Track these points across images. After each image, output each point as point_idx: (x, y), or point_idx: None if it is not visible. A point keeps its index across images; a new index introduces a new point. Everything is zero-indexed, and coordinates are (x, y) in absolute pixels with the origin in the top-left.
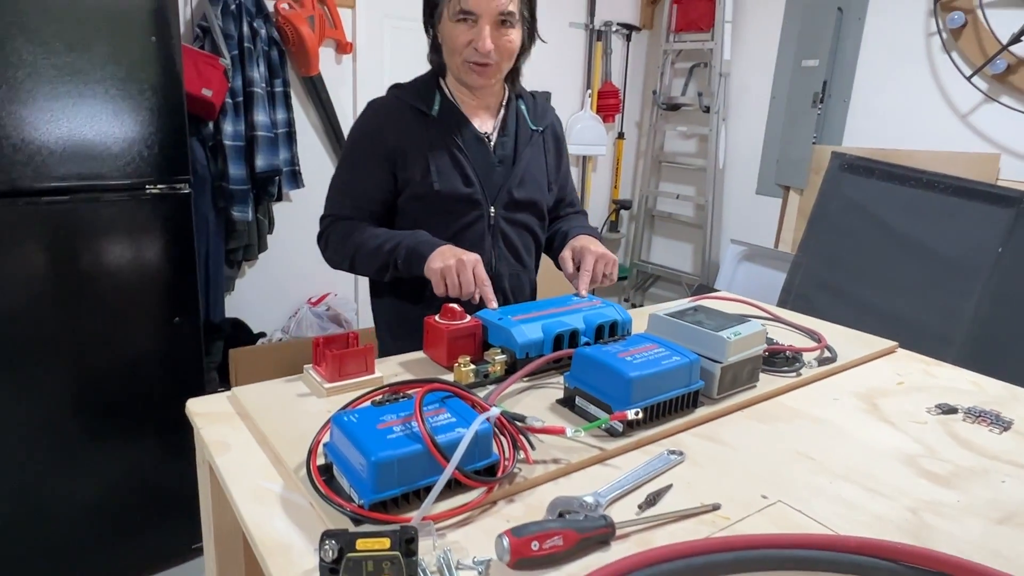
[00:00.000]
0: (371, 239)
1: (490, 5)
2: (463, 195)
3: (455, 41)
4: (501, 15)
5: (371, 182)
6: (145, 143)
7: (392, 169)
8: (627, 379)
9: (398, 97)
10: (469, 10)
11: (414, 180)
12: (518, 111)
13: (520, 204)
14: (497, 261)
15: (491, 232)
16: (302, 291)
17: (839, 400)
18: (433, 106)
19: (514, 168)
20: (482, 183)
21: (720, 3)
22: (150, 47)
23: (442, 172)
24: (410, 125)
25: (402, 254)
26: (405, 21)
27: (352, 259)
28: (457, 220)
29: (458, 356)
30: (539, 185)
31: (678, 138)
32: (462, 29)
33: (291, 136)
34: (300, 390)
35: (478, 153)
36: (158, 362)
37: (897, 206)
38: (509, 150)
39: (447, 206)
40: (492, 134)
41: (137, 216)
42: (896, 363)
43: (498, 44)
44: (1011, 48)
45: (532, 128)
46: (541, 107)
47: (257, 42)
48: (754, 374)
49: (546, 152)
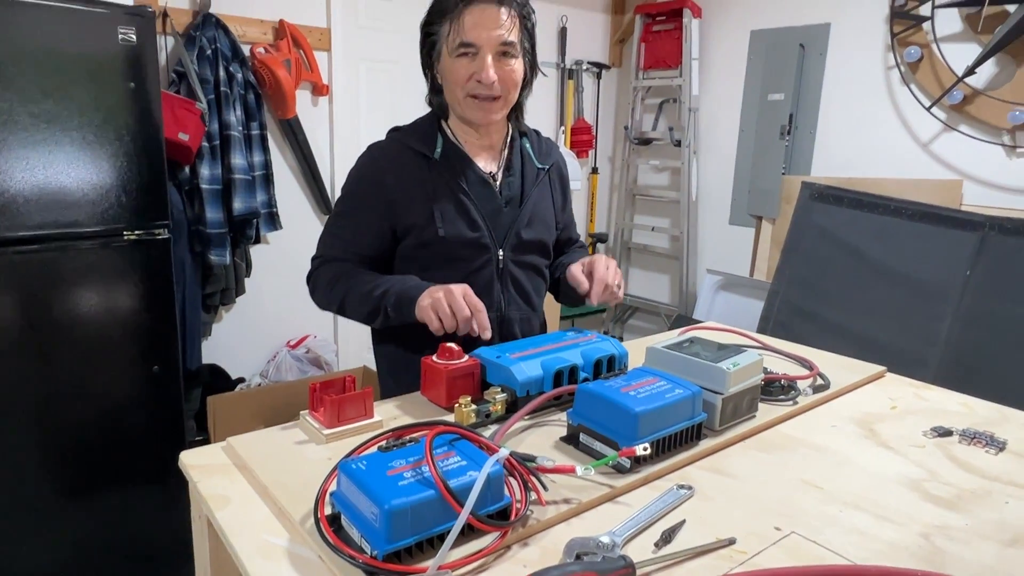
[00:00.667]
0: (361, 283)
1: (491, 35)
2: (470, 240)
3: (457, 75)
4: (503, 45)
5: (366, 230)
6: (123, 189)
7: (391, 219)
8: (633, 414)
9: (398, 141)
10: (470, 42)
11: (418, 226)
12: (523, 149)
13: (528, 245)
14: (507, 306)
15: (500, 276)
16: (280, 334)
17: (837, 427)
18: (435, 149)
19: (521, 208)
20: (489, 226)
21: (687, 41)
22: (128, 93)
23: (447, 217)
24: (411, 170)
25: (391, 300)
26: (380, 63)
27: (341, 303)
28: (465, 266)
29: (457, 396)
30: (547, 225)
31: (651, 172)
32: (463, 63)
33: (268, 178)
34: (298, 437)
35: (484, 195)
36: (136, 413)
37: (867, 233)
38: (516, 190)
39: (454, 252)
40: (498, 174)
41: (115, 263)
42: (887, 387)
43: (501, 75)
44: (966, 80)
45: (538, 167)
46: (546, 144)
47: (233, 86)
48: (753, 404)
49: (552, 190)
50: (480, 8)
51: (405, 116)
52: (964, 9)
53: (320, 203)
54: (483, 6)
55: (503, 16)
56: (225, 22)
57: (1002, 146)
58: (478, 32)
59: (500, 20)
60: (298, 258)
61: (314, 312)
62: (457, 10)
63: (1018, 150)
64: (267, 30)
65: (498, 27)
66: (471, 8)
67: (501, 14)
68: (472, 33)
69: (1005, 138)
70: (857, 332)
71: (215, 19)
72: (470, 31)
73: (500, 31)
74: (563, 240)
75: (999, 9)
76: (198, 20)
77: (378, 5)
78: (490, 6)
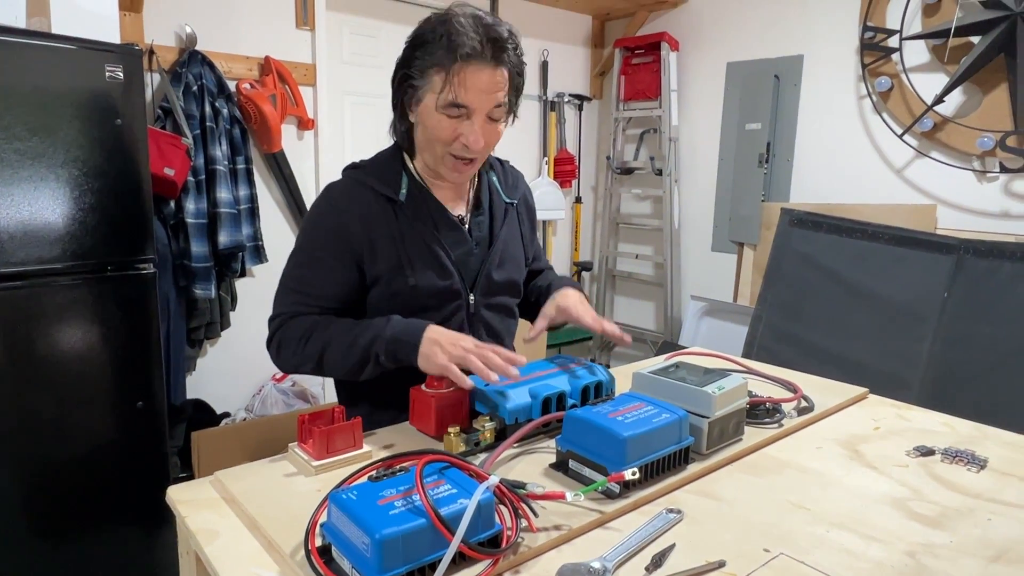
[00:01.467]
0: (342, 334)
1: (487, 100)
2: (440, 289)
3: (440, 133)
4: (494, 108)
5: (330, 279)
6: (108, 224)
7: (358, 264)
8: (621, 439)
9: (359, 182)
10: (463, 104)
11: (386, 276)
12: (490, 184)
13: (499, 287)
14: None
15: (470, 321)
16: (266, 367)
17: (822, 448)
18: (400, 190)
19: (491, 249)
20: (460, 271)
21: (665, 74)
22: (115, 130)
23: (416, 266)
24: (376, 214)
25: (382, 347)
26: (365, 98)
27: (320, 358)
28: (435, 314)
29: (447, 425)
30: (517, 263)
31: (633, 200)
32: (450, 122)
33: (254, 212)
34: (286, 470)
35: (453, 240)
36: (119, 450)
37: (846, 257)
38: (485, 230)
39: (423, 301)
40: (466, 216)
41: (99, 298)
42: (869, 409)
43: (487, 139)
44: (935, 108)
45: (506, 201)
46: (512, 176)
47: (219, 121)
48: (739, 427)
49: (521, 224)
50: (478, 68)
51: None
52: (931, 41)
53: None
54: (481, 66)
55: (499, 78)
56: (211, 59)
57: (972, 171)
58: (473, 95)
59: (496, 83)
60: None
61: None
62: (454, 67)
63: (988, 175)
64: (253, 66)
65: (494, 90)
66: (469, 67)
67: (497, 76)
68: (467, 95)
69: (975, 163)
70: (840, 355)
71: (201, 56)
72: (465, 92)
73: (495, 95)
74: (534, 271)
75: (964, 40)
76: (184, 57)
77: (362, 41)
78: (488, 67)
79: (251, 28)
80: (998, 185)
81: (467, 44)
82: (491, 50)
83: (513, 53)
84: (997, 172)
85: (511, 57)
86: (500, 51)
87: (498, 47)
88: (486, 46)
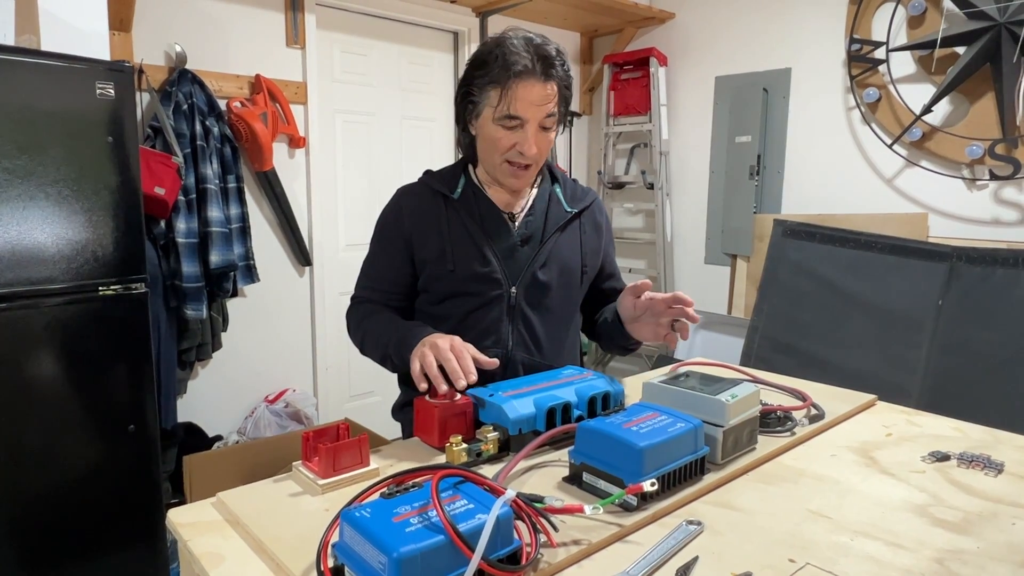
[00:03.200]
0: (377, 327)
1: (539, 111)
2: (480, 274)
3: (498, 144)
4: (546, 118)
5: (390, 268)
6: (99, 244)
7: (409, 252)
8: (637, 449)
9: (424, 183)
10: (517, 115)
11: (431, 261)
12: (551, 194)
13: (544, 287)
14: (514, 346)
15: (510, 315)
16: (258, 389)
17: (837, 456)
18: (456, 188)
19: (540, 248)
20: (502, 262)
21: (654, 88)
22: (106, 148)
23: (457, 252)
24: (429, 208)
25: (393, 348)
26: (356, 115)
27: (362, 346)
28: (475, 300)
29: (450, 436)
30: (568, 270)
31: (625, 214)
32: (505, 132)
33: (245, 231)
34: (291, 489)
35: (498, 232)
36: (110, 475)
37: (840, 266)
38: (535, 229)
39: (464, 286)
40: (518, 213)
41: (90, 319)
42: (879, 415)
43: (540, 146)
44: (924, 118)
45: (567, 210)
46: (581, 191)
47: (210, 140)
48: (753, 436)
49: (582, 234)
50: (531, 83)
51: (381, 167)
52: (917, 52)
53: (298, 254)
54: (533, 81)
55: (549, 91)
56: (201, 77)
57: (962, 179)
58: (525, 107)
59: (547, 95)
60: (276, 310)
61: (293, 365)
62: (509, 82)
63: (978, 183)
64: (243, 84)
65: (545, 102)
66: (522, 82)
67: (548, 89)
68: (520, 107)
69: (964, 171)
70: (838, 364)
71: (191, 75)
72: (518, 105)
73: (546, 106)
74: (607, 289)
75: (949, 51)
76: (174, 76)
77: (353, 59)
78: (539, 81)
79: (241, 46)
80: (988, 193)
81: (520, 62)
82: (541, 66)
83: (561, 68)
84: (987, 180)
85: (559, 72)
86: (549, 67)
87: (547, 63)
88: (537, 63)
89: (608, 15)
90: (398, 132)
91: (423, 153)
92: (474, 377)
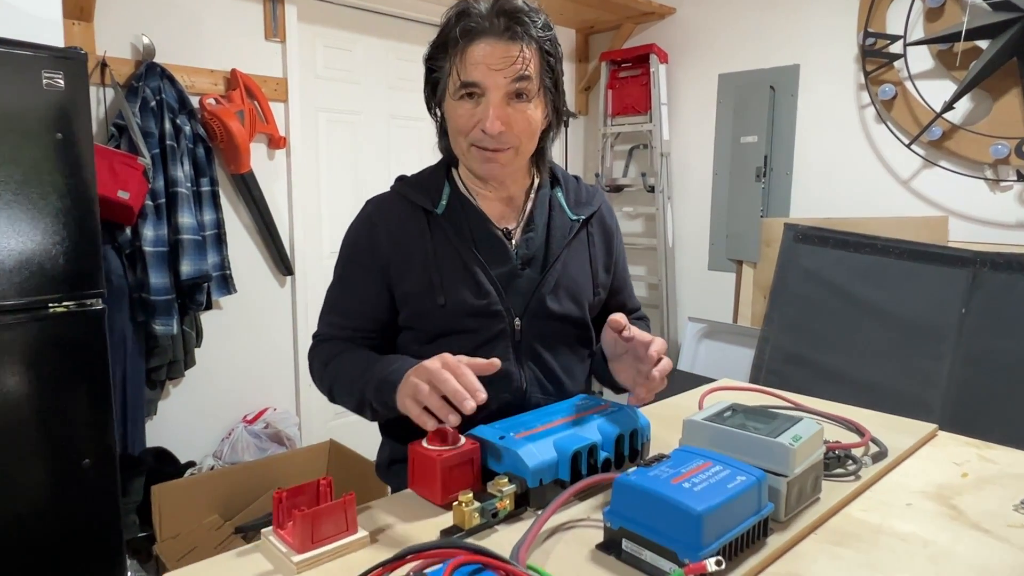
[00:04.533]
0: (349, 369)
1: (500, 77)
2: (476, 308)
3: (458, 121)
4: (515, 83)
5: (362, 301)
6: (48, 255)
7: (387, 281)
8: (695, 516)
9: (397, 193)
10: (472, 81)
11: (415, 295)
12: (552, 200)
13: (555, 316)
14: (528, 386)
15: (517, 352)
16: (236, 408)
17: (913, 505)
18: (440, 201)
19: (547, 271)
20: (501, 291)
21: (655, 87)
22: (55, 145)
23: (448, 284)
24: (409, 228)
25: (371, 390)
26: (341, 114)
27: (331, 392)
28: (473, 337)
29: (455, 490)
30: (580, 290)
31: (625, 219)
32: (466, 107)
33: (220, 238)
34: (259, 568)
35: (494, 255)
36: (61, 515)
37: (855, 273)
38: (537, 248)
39: (458, 323)
40: (515, 230)
41: (39, 339)
42: (944, 449)
43: (511, 121)
44: (944, 115)
45: (572, 218)
46: (586, 192)
47: (181, 139)
48: (817, 484)
49: (591, 246)
50: (486, 42)
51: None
52: (936, 46)
53: (278, 263)
54: (490, 40)
55: (515, 52)
56: (171, 72)
57: (985, 180)
58: (482, 71)
59: (511, 56)
60: (255, 323)
61: (273, 382)
62: (459, 44)
63: (1002, 183)
64: (218, 80)
65: (508, 64)
66: (476, 43)
67: (511, 49)
68: (476, 72)
69: (988, 172)
70: (854, 376)
71: (160, 68)
72: (473, 69)
73: (512, 69)
74: (614, 308)
75: (971, 45)
76: (141, 70)
77: (337, 54)
78: (499, 40)
79: (216, 39)
80: (1012, 194)
81: (475, 18)
82: (504, 22)
83: (534, 27)
84: (1012, 180)
85: (533, 32)
86: (515, 23)
87: (513, 20)
88: (497, 19)
89: (605, 10)
90: (385, 132)
91: (412, 154)
92: (483, 395)
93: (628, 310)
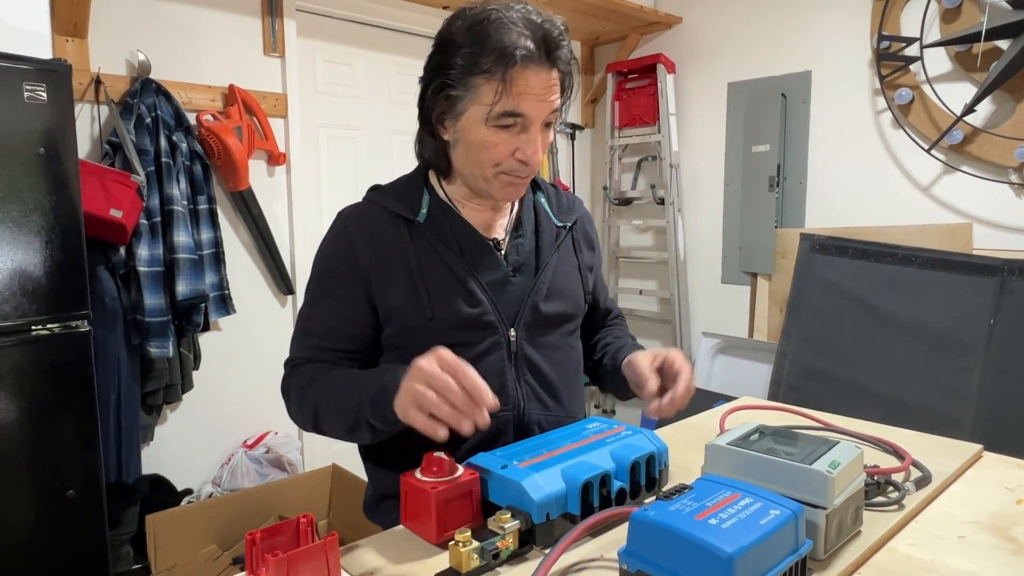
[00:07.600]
0: (333, 390)
1: (543, 105)
2: (468, 318)
3: (493, 150)
4: (551, 114)
5: (342, 316)
6: (30, 276)
7: (368, 296)
8: (725, 559)
9: (374, 203)
10: (520, 112)
11: (400, 309)
12: (536, 205)
13: (549, 321)
14: (526, 401)
15: (513, 363)
16: (236, 433)
17: (966, 538)
18: (420, 209)
19: (538, 276)
20: (494, 300)
21: (662, 97)
22: (38, 161)
23: (435, 295)
24: (390, 239)
25: (367, 405)
26: (342, 130)
27: (315, 419)
28: (465, 351)
29: (452, 527)
30: (572, 295)
31: (634, 232)
32: (504, 136)
33: (218, 257)
34: None
35: (484, 262)
36: (44, 550)
37: (876, 284)
38: (527, 254)
39: (449, 336)
40: (503, 237)
41: (21, 364)
42: (992, 472)
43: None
44: (965, 119)
45: (557, 224)
46: (567, 199)
47: (177, 156)
48: (858, 515)
49: (578, 252)
50: (534, 71)
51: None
52: (953, 48)
53: (279, 282)
54: (535, 68)
55: (553, 81)
56: (167, 88)
57: (1010, 184)
58: (530, 102)
59: (552, 86)
60: (255, 345)
61: (275, 404)
62: (509, 72)
63: None
64: (215, 96)
65: (551, 94)
66: (524, 70)
67: (552, 78)
68: (524, 103)
69: (1013, 176)
70: (878, 392)
71: (156, 85)
72: (521, 100)
73: (552, 99)
74: (597, 310)
75: (991, 46)
76: (136, 86)
77: (338, 69)
78: (544, 69)
79: (213, 55)
80: None
81: (521, 45)
82: (545, 50)
83: (567, 50)
84: None
85: (564, 55)
86: (555, 49)
87: (552, 46)
88: (540, 46)
89: (611, 21)
90: (387, 147)
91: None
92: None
93: (603, 311)
